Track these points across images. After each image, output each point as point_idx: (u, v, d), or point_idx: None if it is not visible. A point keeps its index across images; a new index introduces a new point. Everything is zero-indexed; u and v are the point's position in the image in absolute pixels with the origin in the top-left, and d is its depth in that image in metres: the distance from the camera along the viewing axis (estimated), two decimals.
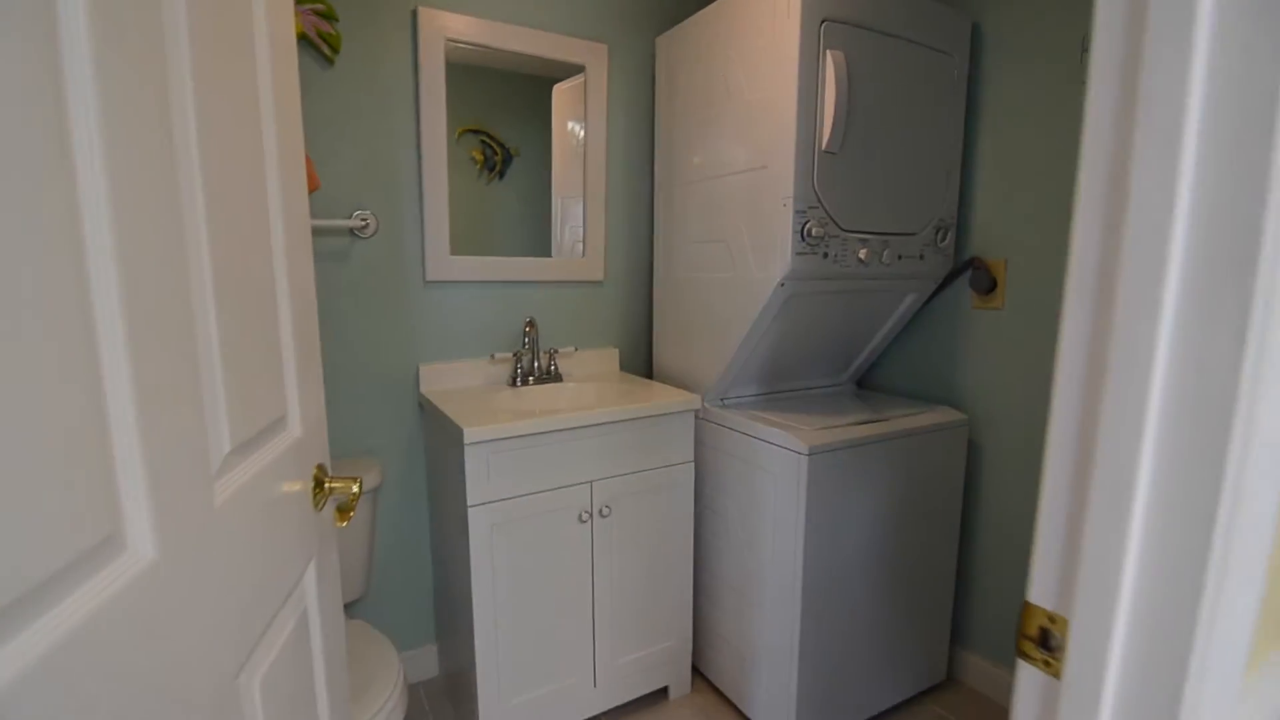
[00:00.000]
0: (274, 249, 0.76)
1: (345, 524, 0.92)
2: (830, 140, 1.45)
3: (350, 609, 1.69)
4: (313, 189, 1.58)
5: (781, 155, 1.47)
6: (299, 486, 0.82)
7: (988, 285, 1.74)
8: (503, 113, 1.85)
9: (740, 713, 1.78)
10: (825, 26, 1.42)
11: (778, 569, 1.59)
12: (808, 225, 1.48)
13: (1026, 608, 0.59)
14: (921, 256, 1.70)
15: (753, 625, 1.68)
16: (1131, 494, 0.49)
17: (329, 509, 0.92)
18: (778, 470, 1.56)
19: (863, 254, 1.58)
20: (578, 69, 1.90)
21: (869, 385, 2.14)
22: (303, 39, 1.52)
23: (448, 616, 1.76)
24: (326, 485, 0.89)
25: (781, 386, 1.95)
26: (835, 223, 1.52)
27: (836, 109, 1.44)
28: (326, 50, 1.55)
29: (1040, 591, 0.58)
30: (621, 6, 1.95)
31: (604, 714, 1.76)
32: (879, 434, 1.60)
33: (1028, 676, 0.59)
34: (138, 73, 0.48)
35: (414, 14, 1.65)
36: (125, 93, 0.46)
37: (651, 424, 1.65)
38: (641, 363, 2.17)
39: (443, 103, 1.71)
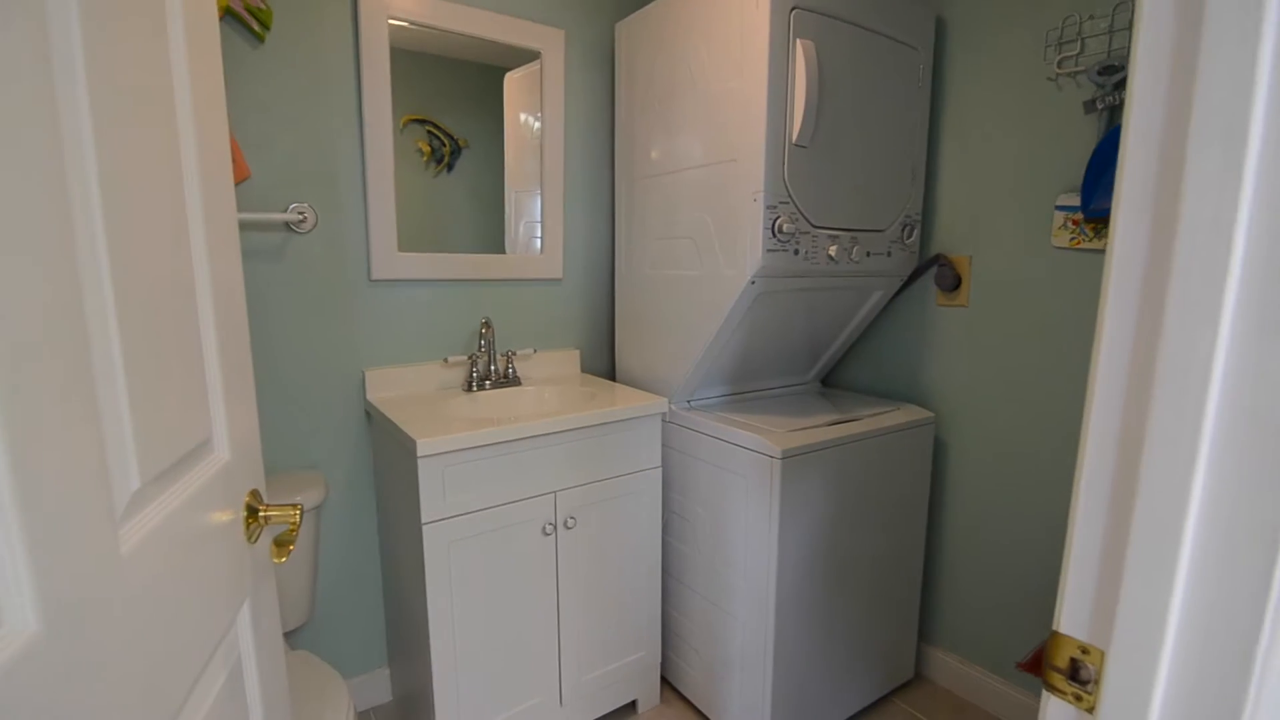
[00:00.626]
0: (193, 246, 0.65)
1: (284, 560, 0.81)
2: (800, 133, 1.41)
3: (292, 637, 1.56)
4: (241, 178, 1.44)
5: (751, 148, 1.41)
6: (228, 518, 0.71)
7: (952, 282, 1.73)
8: (451, 102, 1.74)
9: None
10: (795, 14, 1.36)
11: (750, 575, 1.54)
12: (779, 221, 1.43)
13: (1055, 638, 0.54)
14: (889, 253, 1.68)
15: (724, 633, 1.63)
16: (1183, 518, 0.45)
17: (264, 540, 0.81)
18: (749, 474, 1.51)
19: (832, 250, 1.54)
20: (532, 55, 1.80)
21: (834, 384, 2.12)
22: (229, 14, 1.37)
23: (401, 638, 1.65)
24: (261, 514, 0.78)
25: (748, 387, 1.90)
26: (806, 218, 1.48)
27: (807, 100, 1.39)
28: (256, 27, 1.41)
29: (1071, 622, 0.53)
30: None
31: None
32: (849, 434, 1.56)
33: (1057, 710, 0.55)
34: (14, 42, 0.38)
35: None
36: None
37: (617, 429, 1.57)
38: (603, 364, 2.09)
39: (387, 87, 1.58)
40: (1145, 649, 0.47)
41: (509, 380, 1.80)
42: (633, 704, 1.77)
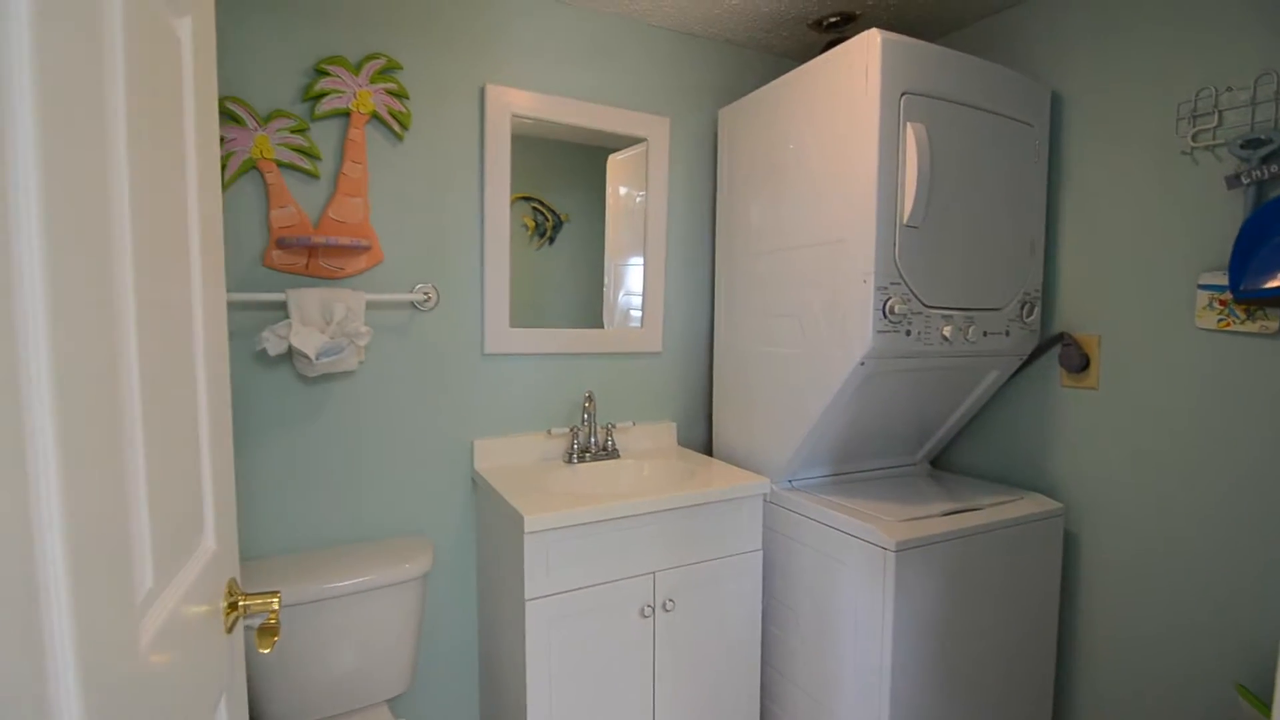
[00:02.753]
0: (195, 350, 0.70)
1: (269, 650, 0.80)
2: (912, 214, 1.39)
3: (392, 704, 1.57)
4: (375, 263, 1.57)
5: (861, 229, 1.40)
6: (211, 609, 0.71)
7: (1080, 363, 1.62)
8: (556, 180, 1.84)
9: None
10: (905, 99, 1.37)
11: (859, 672, 1.44)
12: (889, 302, 1.40)
13: None
14: (1007, 333, 1.60)
15: None
16: None
17: (238, 631, 0.81)
18: (859, 564, 1.43)
19: (947, 331, 1.48)
20: (637, 140, 1.89)
21: (944, 466, 2.00)
22: (375, 117, 1.53)
23: (496, 713, 1.64)
24: (241, 604, 0.78)
25: (852, 467, 1.83)
26: (918, 299, 1.44)
27: (919, 183, 1.37)
28: (396, 128, 1.56)
29: None
30: (684, 80, 1.95)
31: None
32: (969, 526, 1.46)
33: None
34: (82, 191, 0.43)
35: (482, 91, 1.66)
36: (69, 207, 0.41)
37: (717, 509, 1.54)
38: (699, 436, 2.07)
39: (507, 176, 1.70)
40: None
41: (608, 453, 1.82)
42: None
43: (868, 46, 1.37)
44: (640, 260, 1.94)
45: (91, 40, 0.46)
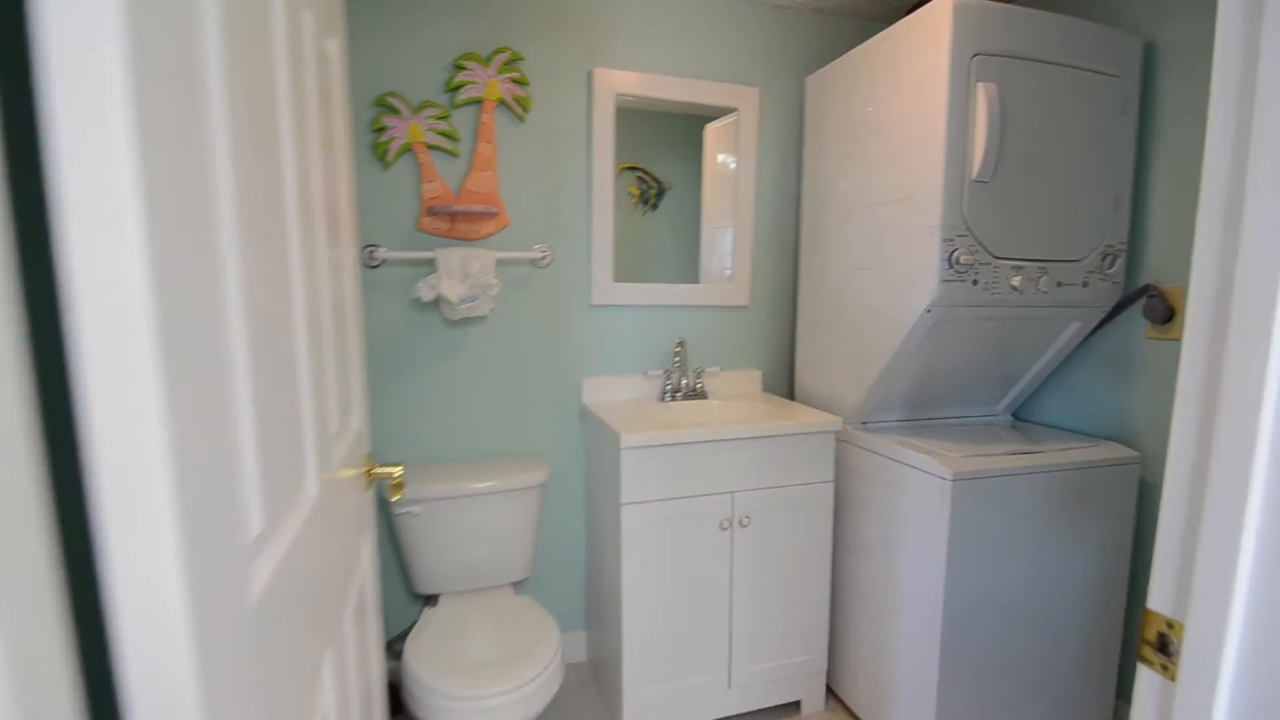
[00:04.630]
0: (344, 291, 0.98)
1: (399, 496, 1.15)
2: (981, 169, 1.48)
3: (517, 588, 1.92)
4: (503, 226, 1.87)
5: (928, 185, 1.51)
6: (357, 472, 1.01)
7: (1165, 314, 1.63)
8: (658, 150, 2.05)
9: None
10: (977, 60, 1.45)
11: (916, 599, 1.59)
12: (955, 252, 1.50)
13: (1147, 615, 0.63)
14: (1085, 284, 1.64)
15: (891, 653, 1.69)
16: (1244, 503, 0.53)
17: (371, 490, 1.14)
18: (919, 496, 1.57)
19: (1016, 281, 1.56)
20: (730, 110, 2.06)
21: (1027, 418, 2.05)
22: (501, 103, 1.82)
23: (597, 606, 1.95)
24: (374, 470, 1.10)
25: (928, 414, 1.94)
26: (986, 249, 1.53)
27: (988, 141, 1.46)
28: (519, 111, 1.84)
29: (1159, 599, 0.62)
30: (771, 52, 2.09)
31: (738, 716, 1.84)
32: (1034, 465, 1.56)
33: (1146, 681, 0.63)
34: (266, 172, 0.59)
35: (589, 75, 1.90)
36: (257, 187, 0.55)
37: (792, 441, 1.73)
38: (783, 384, 2.25)
39: (611, 148, 1.94)
40: (1215, 621, 0.55)
41: (697, 394, 2.05)
42: (796, 704, 1.89)
43: (940, 11, 1.46)
44: (732, 221, 2.12)
45: (267, 56, 0.65)
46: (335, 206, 0.93)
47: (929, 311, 1.56)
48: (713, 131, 2.10)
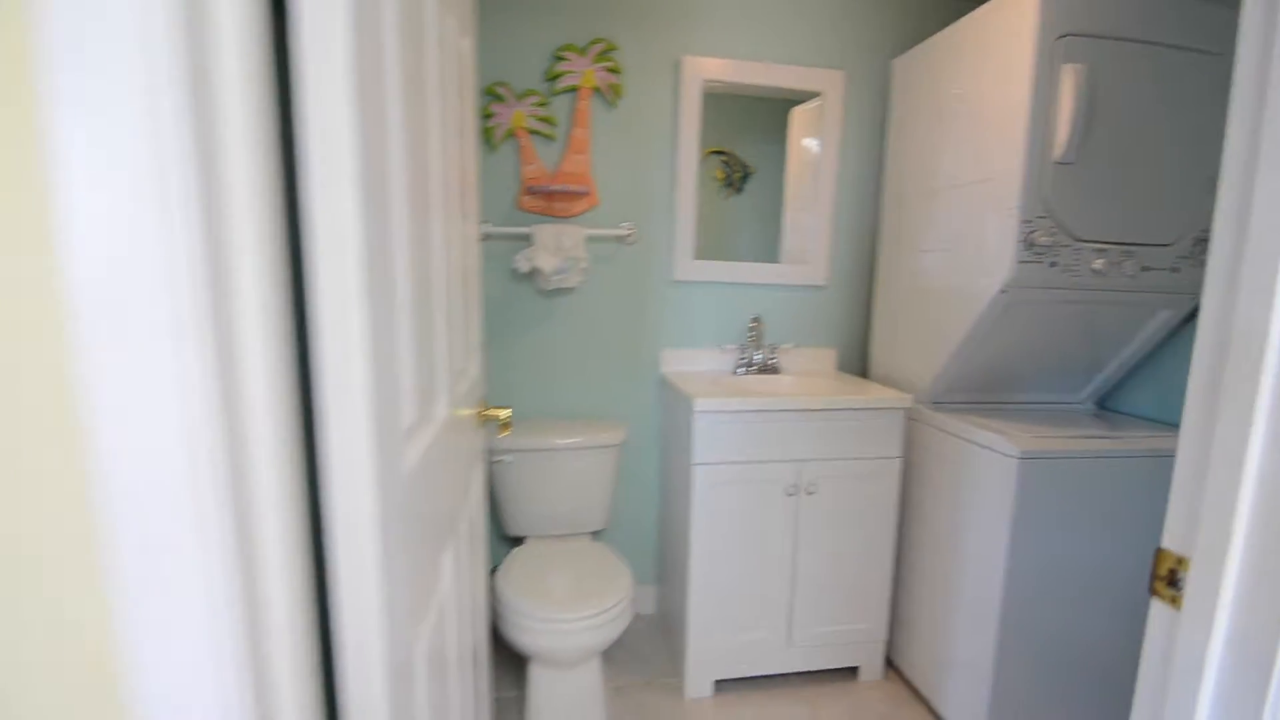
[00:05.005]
0: (469, 258, 1.12)
1: (508, 432, 1.34)
2: (1064, 152, 1.48)
3: (595, 537, 2.10)
4: (592, 206, 2.02)
5: (1008, 166, 1.53)
6: (471, 411, 1.17)
7: None
8: (744, 134, 2.14)
9: (932, 710, 1.83)
10: (1064, 41, 1.46)
11: (979, 578, 1.63)
12: (1033, 233, 1.52)
13: (1159, 553, 0.69)
14: (1175, 270, 1.61)
15: (950, 630, 1.74)
16: (1243, 456, 0.59)
17: (482, 430, 1.29)
18: (986, 474, 1.61)
19: (1098, 264, 1.56)
20: (815, 94, 2.11)
21: (1113, 408, 2.01)
22: (595, 90, 1.96)
23: (667, 562, 2.09)
24: (486, 411, 1.26)
25: (1004, 398, 1.95)
26: (1066, 231, 1.54)
27: (1074, 121, 1.46)
28: (611, 97, 1.98)
29: (1171, 537, 0.68)
30: (859, 36, 2.12)
31: (796, 674, 1.95)
32: (1107, 450, 1.56)
33: (1157, 611, 0.70)
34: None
35: (677, 63, 2.01)
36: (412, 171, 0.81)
37: (861, 416, 1.80)
38: (856, 363, 2.30)
39: (696, 133, 2.04)
40: (1215, 556, 0.62)
41: (771, 369, 2.14)
42: (854, 670, 1.96)
43: None
44: (813, 202, 2.18)
45: (422, 56, 0.87)
46: (465, 187, 1.10)
47: (1004, 292, 1.58)
48: (798, 115, 2.16)
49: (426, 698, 0.75)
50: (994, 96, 1.59)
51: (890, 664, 2.02)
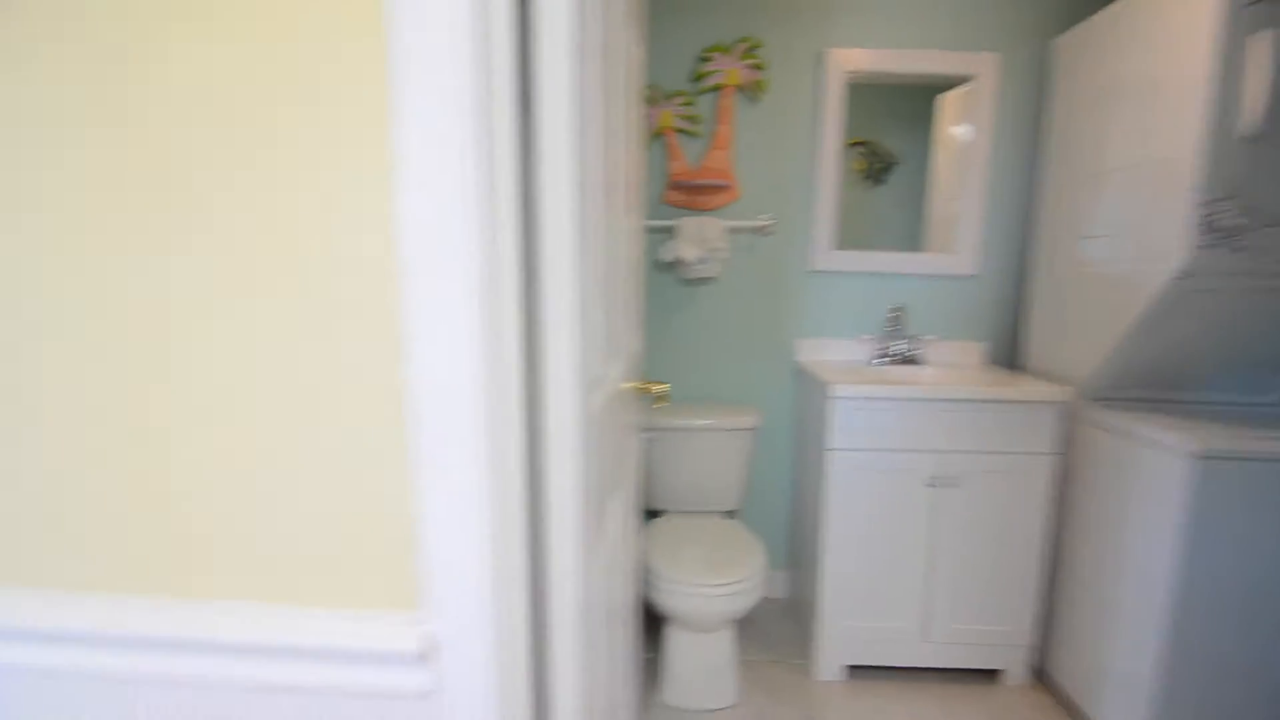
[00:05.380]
0: (634, 250, 1.22)
1: (665, 403, 1.41)
2: (1255, 126, 1.36)
3: (728, 516, 2.19)
4: (733, 199, 2.11)
5: (1183, 145, 1.43)
6: (632, 384, 1.27)
7: None
8: (886, 123, 2.13)
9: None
10: (1252, 9, 1.34)
11: (1144, 589, 1.53)
12: (1214, 216, 1.41)
13: None
14: None
15: (1109, 641, 1.64)
16: None
17: (640, 401, 1.38)
18: (1155, 476, 1.51)
19: None
20: (966, 78, 2.06)
21: None
22: (739, 88, 2.05)
23: (799, 547, 2.14)
24: (644, 385, 1.34)
25: (1178, 396, 1.79)
26: (1257, 213, 1.41)
27: (1265, 94, 1.34)
28: (755, 93, 2.05)
29: None
30: (1015, 18, 2.03)
31: (932, 670, 1.92)
32: None
33: None
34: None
35: (819, 56, 2.05)
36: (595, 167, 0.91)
37: (1010, 409, 1.74)
38: (1006, 357, 2.20)
39: (839, 125, 2.07)
40: None
41: (912, 360, 2.11)
42: (996, 673, 1.90)
43: None
44: (962, 189, 2.12)
45: (615, 67, 1.01)
46: (634, 184, 1.23)
47: (1180, 279, 1.48)
48: (947, 101, 2.11)
49: (604, 623, 0.89)
50: (1168, 72, 1.49)
51: (1038, 672, 1.93)
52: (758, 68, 2.04)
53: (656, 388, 1.33)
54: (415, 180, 0.50)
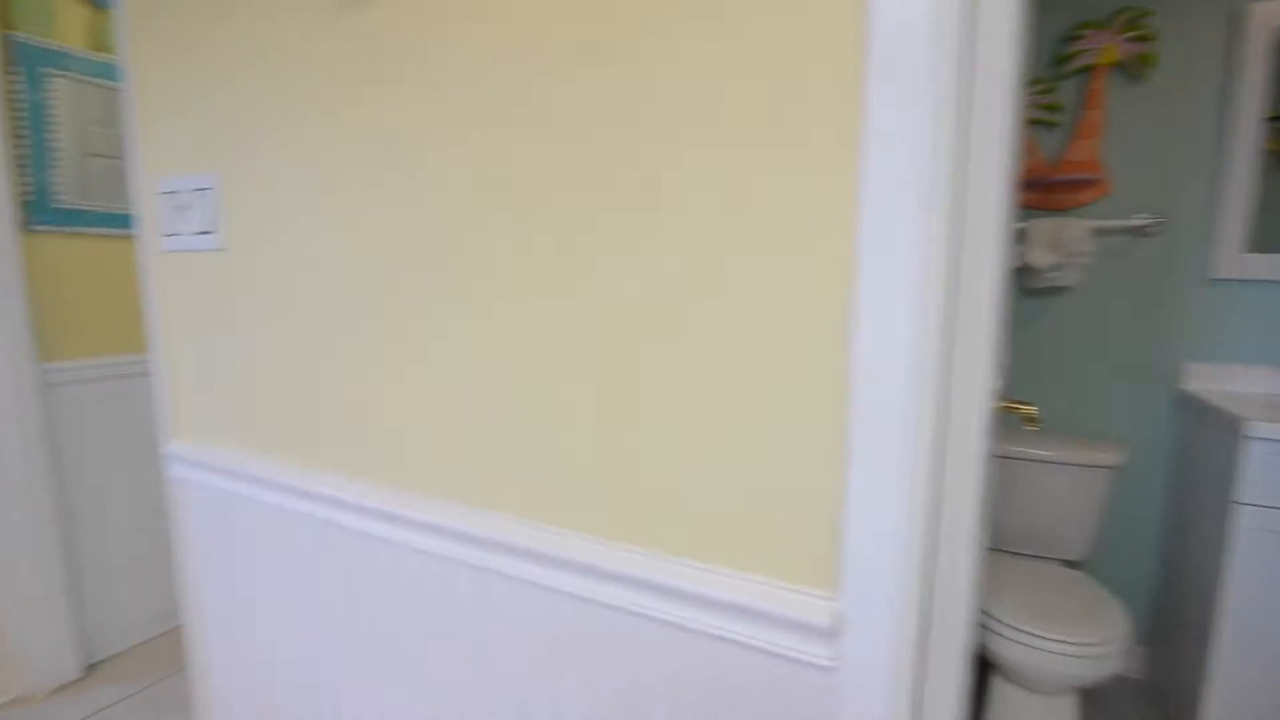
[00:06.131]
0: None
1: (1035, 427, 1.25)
2: None
3: (1068, 564, 1.87)
4: (1101, 195, 1.81)
5: None
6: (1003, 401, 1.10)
7: None
8: None
9: None
10: None
11: None
12: None
13: None
14: None
15: None
16: None
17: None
18: None
19: None
20: None
21: None
22: (1116, 65, 1.74)
23: (1169, 620, 1.72)
24: (1009, 403, 1.18)
25: None
26: None
27: None
28: (1137, 70, 1.73)
29: None
30: None
31: None
32: None
33: None
34: None
35: (1235, 14, 1.64)
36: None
37: None
38: None
39: (1259, 95, 1.63)
40: None
41: None
42: None
43: None
44: None
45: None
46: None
47: None
48: None
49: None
50: None
51: None
52: (1143, 39, 1.71)
53: (1025, 409, 1.19)
54: (873, 192, 0.54)
